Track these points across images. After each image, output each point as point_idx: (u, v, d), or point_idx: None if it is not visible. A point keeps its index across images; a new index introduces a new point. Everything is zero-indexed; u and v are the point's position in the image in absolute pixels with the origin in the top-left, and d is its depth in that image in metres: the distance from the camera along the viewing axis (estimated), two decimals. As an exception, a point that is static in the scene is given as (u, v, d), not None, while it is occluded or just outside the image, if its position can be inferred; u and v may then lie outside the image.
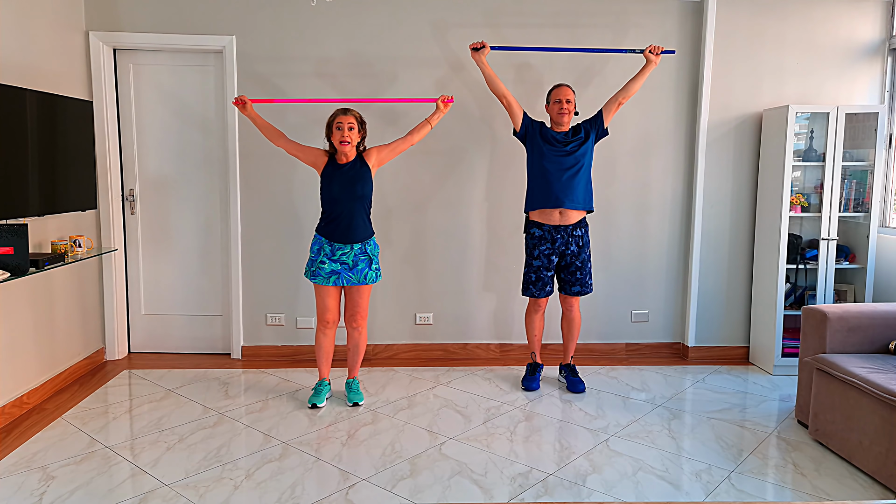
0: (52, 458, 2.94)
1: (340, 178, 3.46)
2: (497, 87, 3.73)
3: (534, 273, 3.80)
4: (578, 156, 3.70)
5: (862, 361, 3.03)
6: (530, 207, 3.78)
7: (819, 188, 4.25)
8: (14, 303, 3.41)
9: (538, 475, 2.83)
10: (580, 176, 3.70)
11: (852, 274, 4.34)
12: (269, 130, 3.59)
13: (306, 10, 4.19)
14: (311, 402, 3.55)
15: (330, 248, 3.47)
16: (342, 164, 3.49)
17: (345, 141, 3.41)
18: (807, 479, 2.83)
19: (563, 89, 3.72)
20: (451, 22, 4.24)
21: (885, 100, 4.37)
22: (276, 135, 3.58)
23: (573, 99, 3.72)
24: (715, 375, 4.20)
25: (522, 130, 3.77)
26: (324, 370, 3.67)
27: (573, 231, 3.74)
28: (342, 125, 3.42)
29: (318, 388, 3.63)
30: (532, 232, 3.78)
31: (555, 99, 3.72)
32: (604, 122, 3.79)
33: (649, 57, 3.72)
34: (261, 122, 3.59)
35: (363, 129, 3.53)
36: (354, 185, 3.45)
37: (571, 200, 3.69)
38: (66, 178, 3.55)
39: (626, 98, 3.78)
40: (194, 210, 4.40)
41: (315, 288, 3.55)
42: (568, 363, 3.97)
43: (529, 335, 3.98)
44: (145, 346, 4.51)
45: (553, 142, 3.71)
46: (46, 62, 3.71)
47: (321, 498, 2.62)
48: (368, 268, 3.51)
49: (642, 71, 3.75)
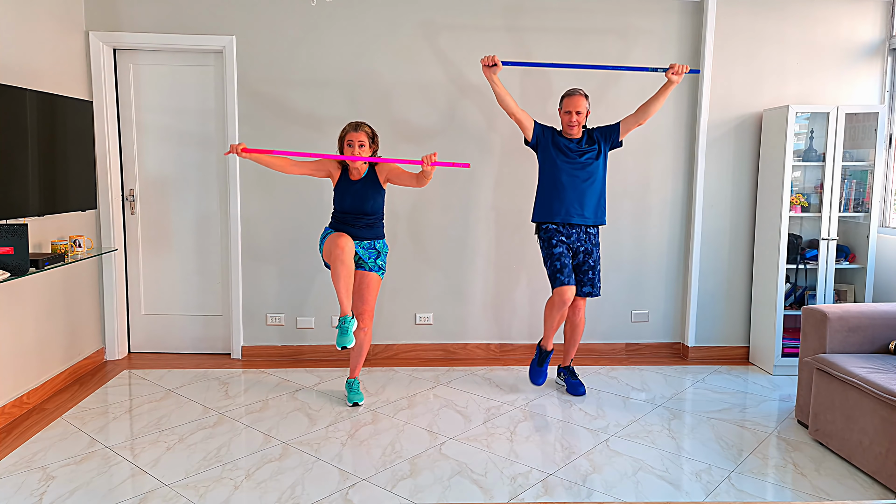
0: (52, 458, 2.94)
1: (353, 195, 3.50)
2: (507, 106, 3.59)
3: (558, 261, 3.62)
4: (592, 170, 3.63)
5: (862, 361, 3.03)
6: (539, 218, 3.70)
7: (819, 188, 4.25)
8: (14, 303, 3.41)
9: (538, 475, 2.83)
10: (593, 189, 3.64)
11: (852, 274, 4.34)
12: (276, 164, 3.45)
13: (306, 10, 4.19)
14: (341, 344, 3.33)
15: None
16: (354, 179, 3.52)
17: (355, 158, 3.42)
18: (807, 479, 2.83)
19: (575, 99, 3.61)
20: (452, 23, 4.23)
21: (885, 100, 4.38)
22: (286, 164, 3.48)
23: (584, 109, 3.62)
24: (715, 375, 4.20)
25: (534, 141, 3.70)
26: (345, 303, 3.38)
27: (587, 229, 3.70)
28: (353, 143, 3.42)
29: (343, 326, 3.35)
30: (546, 227, 3.68)
31: (566, 109, 3.64)
32: (619, 135, 3.71)
33: (671, 78, 3.55)
34: (266, 160, 3.43)
35: (375, 142, 3.51)
36: (365, 202, 3.48)
37: (582, 216, 3.63)
38: (66, 178, 3.55)
39: (645, 119, 3.67)
40: (194, 210, 4.40)
41: (327, 239, 3.40)
42: (567, 365, 3.96)
43: (551, 325, 3.70)
44: (145, 346, 4.51)
45: (566, 152, 3.63)
46: (46, 62, 3.71)
47: (321, 498, 2.62)
48: (375, 259, 3.54)
49: (664, 90, 3.61)
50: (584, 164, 3.64)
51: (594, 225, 3.71)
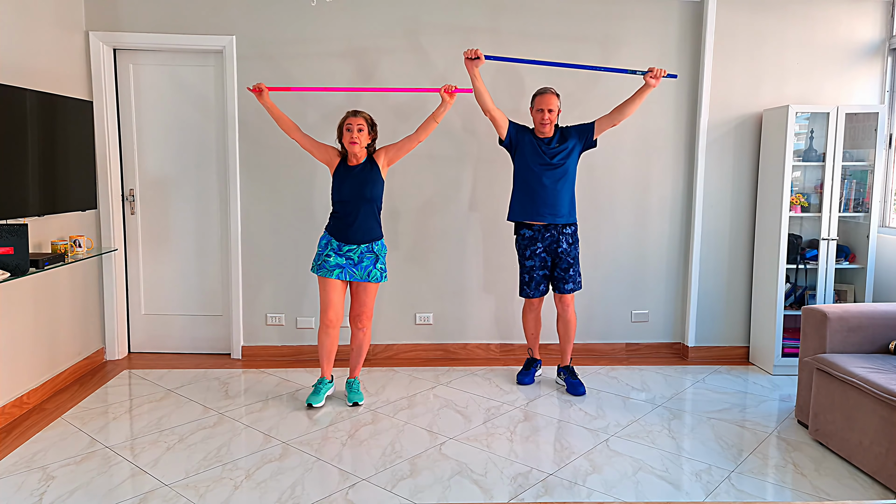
0: (52, 458, 2.94)
1: (351, 180, 3.48)
2: (484, 103, 3.65)
3: (527, 274, 3.81)
4: (563, 170, 3.68)
5: (862, 361, 3.03)
6: (513, 217, 3.78)
7: (819, 188, 4.25)
8: (14, 303, 3.41)
9: (538, 475, 2.83)
10: (565, 189, 3.69)
11: (852, 274, 4.34)
12: (284, 122, 3.58)
13: (306, 10, 4.19)
14: (309, 401, 3.55)
15: (337, 244, 3.49)
16: (353, 165, 3.51)
17: (353, 141, 3.42)
18: (807, 479, 2.83)
19: (547, 98, 3.64)
20: (452, 24, 4.23)
21: (885, 100, 4.37)
22: (292, 127, 3.58)
23: (556, 107, 3.66)
24: (715, 375, 4.20)
25: (507, 140, 3.75)
26: (326, 369, 3.66)
27: (563, 229, 3.74)
28: (352, 126, 3.44)
29: (318, 386, 3.63)
30: (522, 233, 3.78)
31: (537, 107, 3.67)
32: (594, 134, 3.73)
33: (649, 81, 3.56)
34: (277, 113, 3.59)
35: (373, 131, 3.53)
36: (364, 187, 3.47)
37: (554, 214, 3.68)
38: (66, 177, 3.55)
39: (620, 121, 3.70)
40: (194, 210, 4.40)
41: (319, 282, 3.54)
42: (567, 365, 3.96)
43: (527, 334, 4.02)
44: (145, 346, 4.51)
45: (538, 152, 3.67)
46: (46, 62, 3.71)
47: (321, 498, 2.62)
48: (373, 266, 3.52)
49: (640, 93, 3.61)
50: (556, 164, 3.67)
51: (568, 224, 3.74)
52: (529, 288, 3.83)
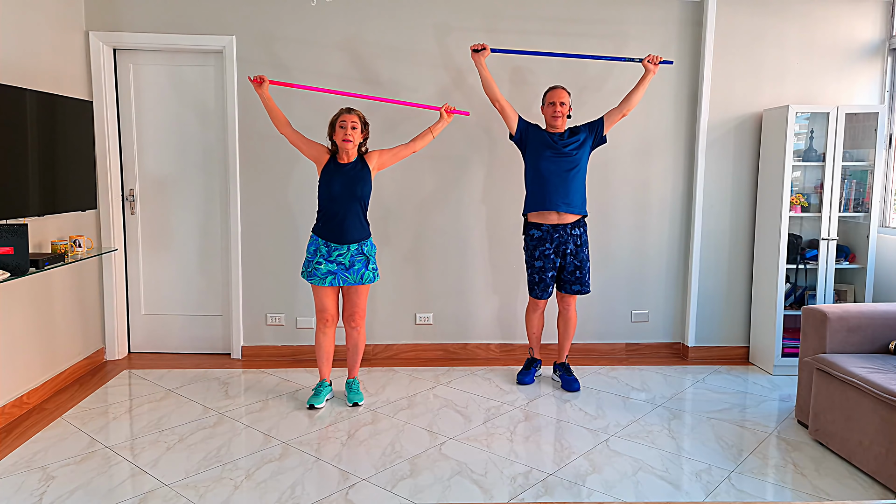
0: (52, 458, 2.94)
1: (341, 177, 3.46)
2: (492, 92, 3.74)
3: (536, 274, 3.82)
4: (575, 160, 3.71)
5: (862, 361, 3.03)
6: (528, 210, 3.80)
7: (819, 188, 4.25)
8: (14, 303, 3.41)
9: (538, 475, 2.83)
10: (577, 180, 3.72)
11: (852, 274, 4.34)
12: (277, 116, 3.58)
13: (306, 10, 4.19)
14: (310, 402, 3.55)
15: (326, 249, 3.47)
16: (343, 163, 3.49)
17: (347, 139, 3.42)
18: (807, 479, 2.83)
19: (558, 92, 3.73)
20: (452, 25, 4.23)
21: (885, 100, 4.37)
22: (284, 122, 3.58)
23: (567, 101, 3.73)
24: (715, 375, 4.20)
25: (518, 135, 3.79)
26: (324, 371, 3.66)
27: (571, 230, 3.76)
28: (345, 123, 3.43)
29: (319, 388, 3.63)
30: (531, 234, 3.79)
31: (549, 101, 3.74)
32: (604, 128, 3.79)
33: (648, 66, 3.73)
34: (272, 105, 3.58)
35: (366, 129, 3.54)
36: (354, 185, 3.45)
37: (568, 204, 3.71)
38: (66, 178, 3.55)
39: (629, 110, 3.79)
40: (194, 210, 4.40)
41: (312, 288, 3.55)
42: (563, 362, 3.97)
43: (529, 333, 4.03)
44: (145, 346, 4.51)
45: (549, 145, 3.71)
46: (46, 62, 3.71)
47: (321, 498, 2.62)
48: (365, 268, 3.51)
49: (642, 81, 3.76)
50: (567, 154, 3.71)
51: (577, 225, 3.77)
52: (538, 289, 3.84)
